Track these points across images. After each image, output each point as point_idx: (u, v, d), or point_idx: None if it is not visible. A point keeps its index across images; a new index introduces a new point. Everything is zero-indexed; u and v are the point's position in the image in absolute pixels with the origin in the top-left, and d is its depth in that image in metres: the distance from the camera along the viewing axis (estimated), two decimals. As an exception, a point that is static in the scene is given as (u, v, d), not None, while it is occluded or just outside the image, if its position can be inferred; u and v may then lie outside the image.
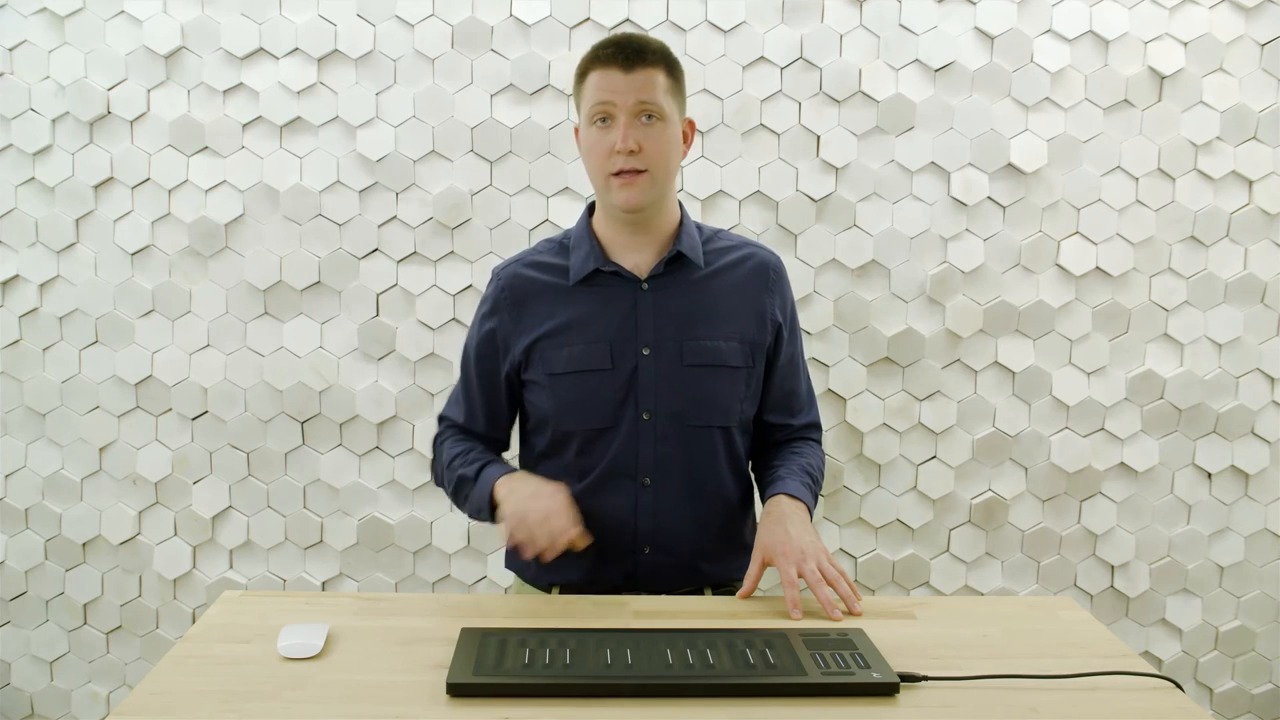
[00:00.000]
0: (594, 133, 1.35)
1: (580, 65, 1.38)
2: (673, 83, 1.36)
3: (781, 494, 1.38)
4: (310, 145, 2.10)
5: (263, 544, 2.20)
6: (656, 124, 1.33)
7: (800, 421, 1.53)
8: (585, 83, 1.36)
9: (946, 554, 2.22)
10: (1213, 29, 2.08)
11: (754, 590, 1.32)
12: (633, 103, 1.31)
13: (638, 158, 1.32)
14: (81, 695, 2.24)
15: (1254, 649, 2.27)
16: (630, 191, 1.34)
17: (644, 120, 1.32)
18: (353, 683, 1.04)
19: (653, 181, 1.35)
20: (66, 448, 2.17)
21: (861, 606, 1.26)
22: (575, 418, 1.41)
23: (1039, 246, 2.14)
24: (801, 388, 1.53)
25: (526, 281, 1.44)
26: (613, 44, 1.34)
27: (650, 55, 1.33)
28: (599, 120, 1.34)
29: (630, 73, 1.31)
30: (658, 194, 1.37)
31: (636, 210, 1.36)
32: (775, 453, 1.51)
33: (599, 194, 1.40)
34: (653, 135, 1.33)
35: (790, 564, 1.28)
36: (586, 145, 1.37)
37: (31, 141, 2.08)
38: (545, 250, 1.48)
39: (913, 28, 2.08)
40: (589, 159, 1.37)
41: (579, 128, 1.41)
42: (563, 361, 1.40)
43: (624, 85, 1.31)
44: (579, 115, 1.40)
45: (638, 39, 1.35)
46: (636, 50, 1.32)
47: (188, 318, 2.14)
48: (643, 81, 1.32)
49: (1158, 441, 2.20)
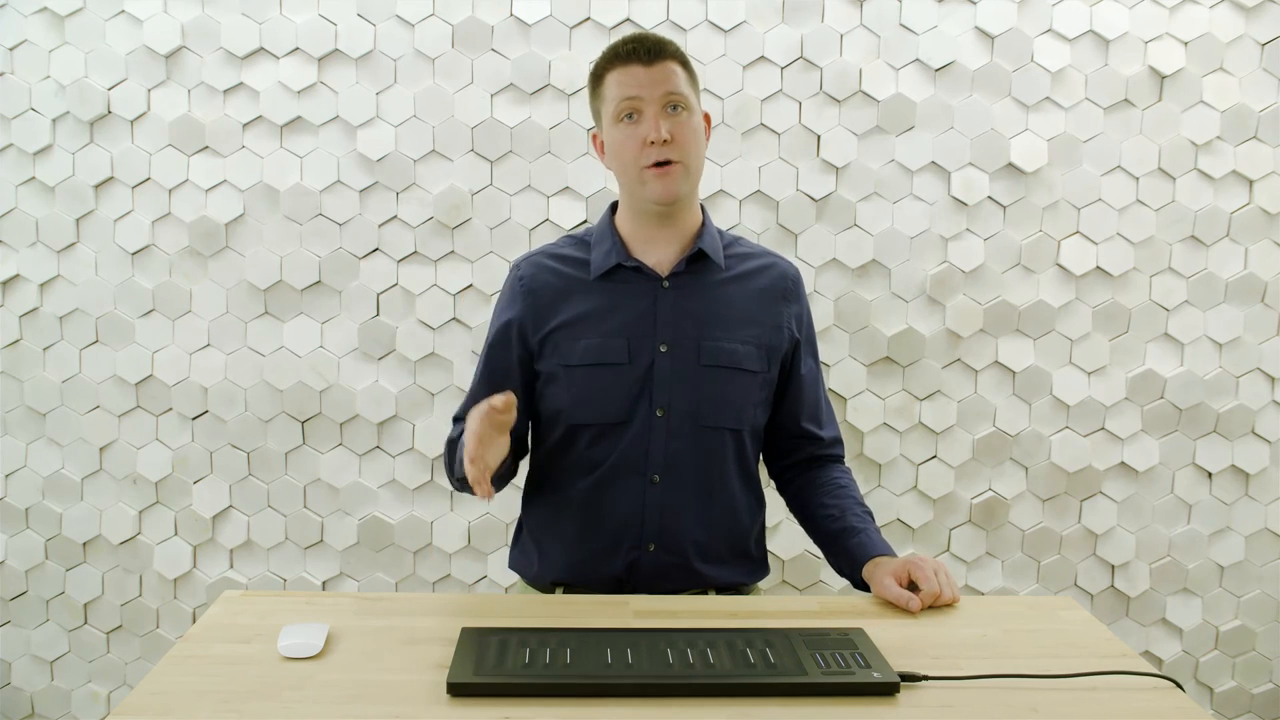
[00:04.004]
0: (622, 129, 1.35)
1: (596, 68, 1.39)
2: (689, 76, 1.38)
3: (879, 556, 1.39)
4: (310, 145, 2.10)
5: (263, 544, 2.20)
6: (683, 114, 1.35)
7: (828, 435, 1.53)
8: (605, 83, 1.37)
9: (947, 554, 2.22)
10: (1213, 29, 2.08)
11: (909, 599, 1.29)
12: (660, 94, 1.33)
13: (670, 148, 1.33)
14: (82, 695, 2.24)
15: (1254, 649, 2.27)
16: (666, 182, 1.35)
17: (671, 110, 1.34)
18: (353, 682, 1.04)
19: (686, 172, 1.36)
20: (67, 447, 2.17)
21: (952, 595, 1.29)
22: (589, 410, 1.41)
23: (1039, 246, 2.14)
24: (824, 398, 1.55)
25: (546, 272, 1.45)
26: (631, 41, 1.36)
27: (668, 50, 1.36)
28: (626, 117, 1.35)
29: (652, 66, 1.33)
30: (690, 185, 1.39)
31: (672, 202, 1.37)
32: (820, 486, 1.49)
33: (631, 189, 1.40)
34: (681, 124, 1.34)
35: (927, 567, 1.31)
36: (615, 143, 1.37)
37: (32, 141, 2.08)
38: (567, 245, 1.48)
39: (913, 27, 2.08)
40: (619, 156, 1.37)
41: (598, 132, 1.42)
42: (579, 353, 1.40)
43: (648, 79, 1.33)
44: (601, 117, 1.40)
45: (652, 36, 1.37)
46: (655, 44, 1.35)
47: (188, 317, 2.14)
48: (666, 73, 1.34)
49: (1158, 441, 2.20)
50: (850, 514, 1.45)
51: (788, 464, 1.55)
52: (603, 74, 1.37)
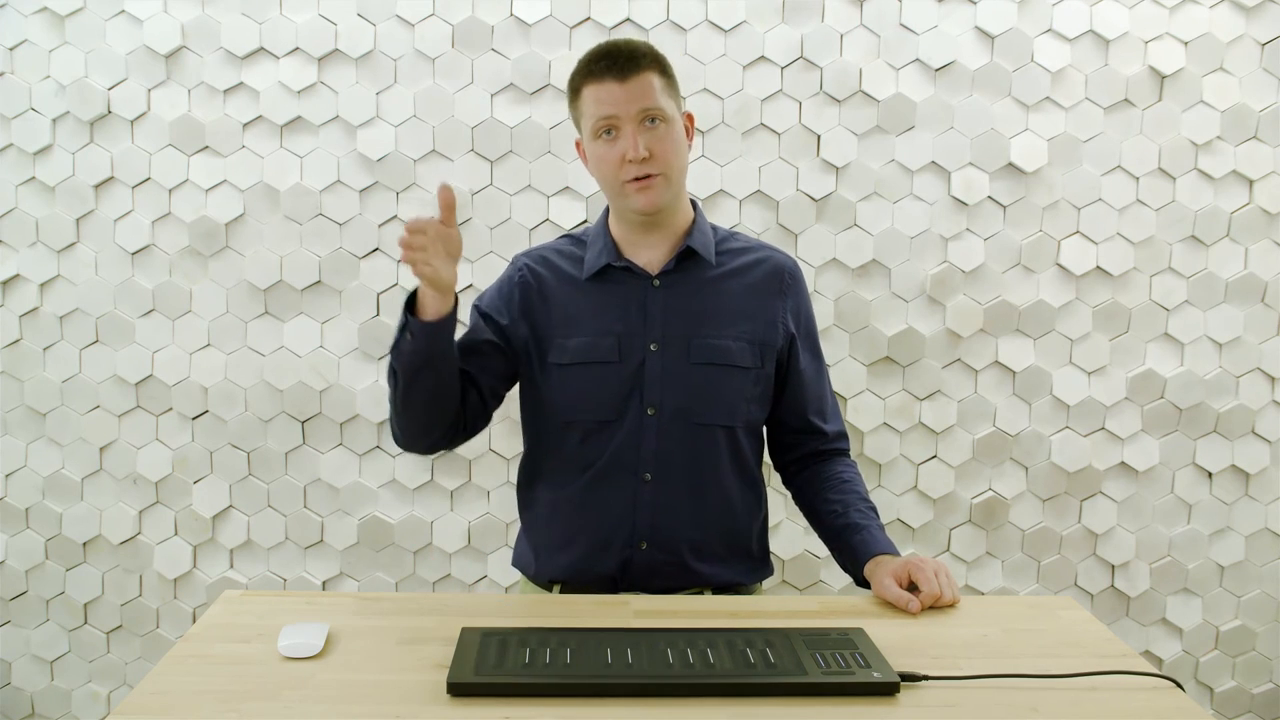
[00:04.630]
0: (601, 146, 1.35)
1: (572, 81, 1.37)
2: (667, 82, 1.36)
3: (880, 555, 1.39)
4: (311, 145, 2.10)
5: (263, 543, 2.20)
6: (661, 126, 1.34)
7: (832, 429, 1.52)
8: (581, 98, 1.35)
9: (947, 554, 2.22)
10: (1213, 28, 2.08)
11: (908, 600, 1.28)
12: (635, 111, 1.32)
13: (649, 163, 1.33)
14: (82, 695, 2.24)
15: (1254, 648, 2.27)
16: (648, 195, 1.35)
17: (648, 125, 1.33)
18: (353, 682, 1.04)
19: (667, 182, 1.36)
20: (67, 447, 2.17)
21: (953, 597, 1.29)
22: (579, 409, 1.41)
23: (1039, 246, 2.14)
24: (828, 392, 1.54)
25: (543, 268, 1.46)
26: (604, 55, 1.33)
27: (643, 60, 1.33)
28: (604, 134, 1.34)
29: (626, 82, 1.31)
30: (673, 192, 1.38)
31: (655, 212, 1.38)
32: (825, 480, 1.49)
33: (614, 200, 1.41)
34: (659, 138, 1.34)
35: (928, 569, 1.31)
36: (595, 158, 1.37)
37: (32, 141, 2.08)
38: (565, 244, 1.50)
39: (913, 27, 2.08)
40: (600, 170, 1.37)
41: (580, 141, 1.41)
42: (570, 352, 1.41)
43: (623, 95, 1.31)
44: (580, 130, 1.39)
45: (625, 46, 1.34)
46: (628, 58, 1.32)
47: (188, 317, 2.14)
48: (641, 88, 1.32)
49: (1158, 441, 2.20)
50: (854, 510, 1.45)
51: (792, 459, 1.55)
52: (579, 87, 1.35)
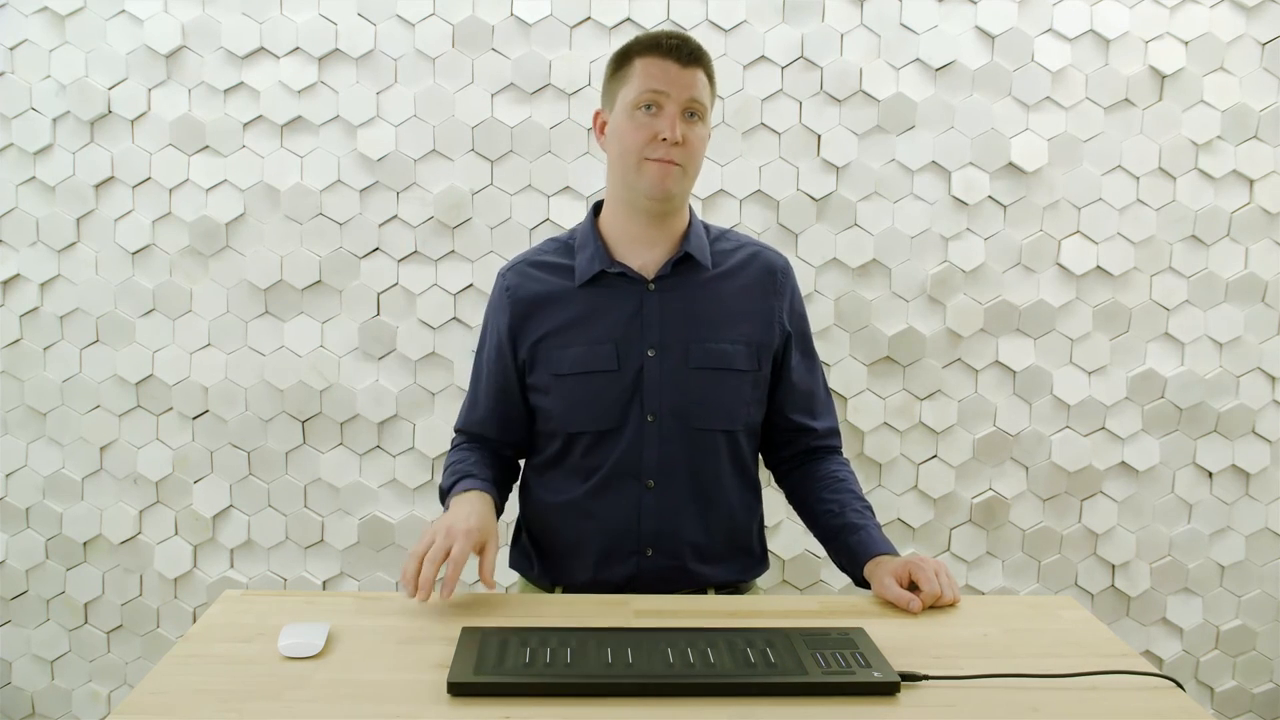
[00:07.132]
0: (639, 116, 1.34)
1: (627, 49, 1.37)
2: (713, 90, 1.39)
3: (880, 555, 1.38)
4: (311, 144, 2.10)
5: (263, 543, 2.20)
6: (698, 124, 1.36)
7: (822, 425, 1.52)
8: (633, 66, 1.35)
9: (947, 553, 2.22)
10: (1213, 28, 2.08)
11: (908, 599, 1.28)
12: (685, 98, 1.33)
13: (679, 150, 1.34)
14: (82, 694, 2.24)
15: (1255, 648, 2.27)
16: (665, 179, 1.34)
17: (688, 117, 1.35)
18: (353, 682, 1.04)
19: (685, 175, 1.37)
20: (67, 447, 2.17)
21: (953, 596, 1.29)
22: (580, 419, 1.41)
23: (1040, 246, 2.14)
24: (820, 389, 1.53)
25: (531, 282, 1.44)
26: (672, 36, 1.35)
27: (704, 59, 1.36)
28: (645, 107, 1.34)
29: (686, 68, 1.34)
30: (684, 189, 1.39)
31: (664, 199, 1.36)
32: (819, 479, 1.48)
33: (625, 177, 1.38)
34: (694, 133, 1.35)
35: (928, 568, 1.31)
36: (625, 127, 1.35)
37: (32, 141, 2.08)
38: (550, 250, 1.47)
39: (913, 27, 2.08)
40: (624, 139, 1.36)
41: (604, 111, 1.41)
42: (568, 362, 1.40)
43: (679, 79, 1.33)
44: (615, 99, 1.38)
45: (694, 40, 1.37)
46: (694, 50, 1.35)
47: (188, 317, 2.14)
48: (695, 80, 1.34)
49: (1158, 441, 2.20)
50: (850, 509, 1.44)
51: (784, 457, 1.54)
52: (632, 57, 1.36)
